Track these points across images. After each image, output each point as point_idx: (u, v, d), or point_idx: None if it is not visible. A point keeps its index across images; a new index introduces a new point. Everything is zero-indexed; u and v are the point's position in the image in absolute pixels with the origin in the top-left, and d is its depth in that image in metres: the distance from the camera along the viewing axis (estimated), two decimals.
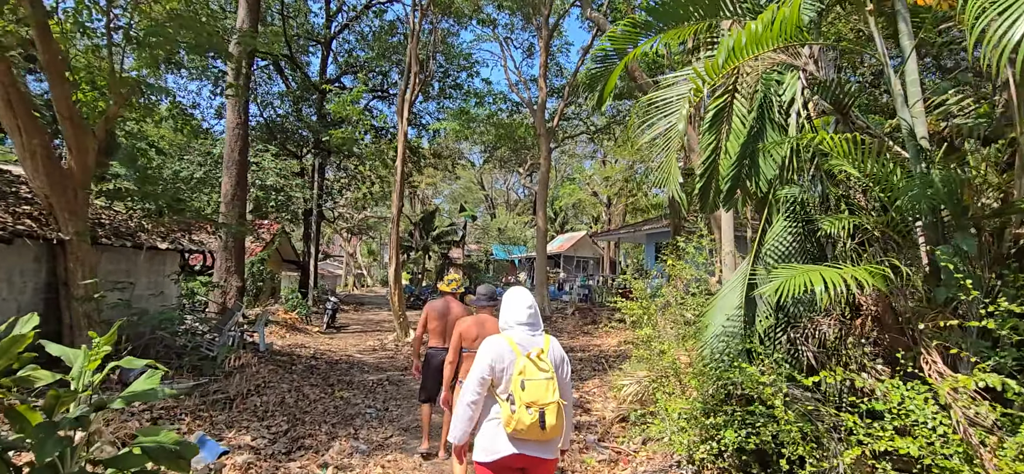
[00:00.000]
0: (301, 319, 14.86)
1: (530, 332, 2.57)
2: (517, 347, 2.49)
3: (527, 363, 2.43)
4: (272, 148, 21.64)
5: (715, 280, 9.50)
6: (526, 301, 2.64)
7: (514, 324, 2.59)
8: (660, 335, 6.57)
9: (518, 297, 2.67)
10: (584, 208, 47.46)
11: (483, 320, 4.04)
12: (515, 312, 2.61)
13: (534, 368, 2.42)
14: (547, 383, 2.41)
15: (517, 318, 2.59)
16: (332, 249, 57.75)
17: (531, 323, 2.59)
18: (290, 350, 10.75)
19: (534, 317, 2.62)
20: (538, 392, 2.38)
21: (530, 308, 2.62)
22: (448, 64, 26.64)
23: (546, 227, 19.12)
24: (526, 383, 2.39)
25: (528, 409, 2.35)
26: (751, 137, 5.30)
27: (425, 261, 31.06)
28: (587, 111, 25.10)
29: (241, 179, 12.92)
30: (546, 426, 2.35)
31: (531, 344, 2.52)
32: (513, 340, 2.52)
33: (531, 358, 2.45)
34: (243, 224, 13.01)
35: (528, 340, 2.54)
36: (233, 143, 12.89)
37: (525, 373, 2.41)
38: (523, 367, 2.42)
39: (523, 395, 2.37)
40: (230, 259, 12.62)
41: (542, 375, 2.42)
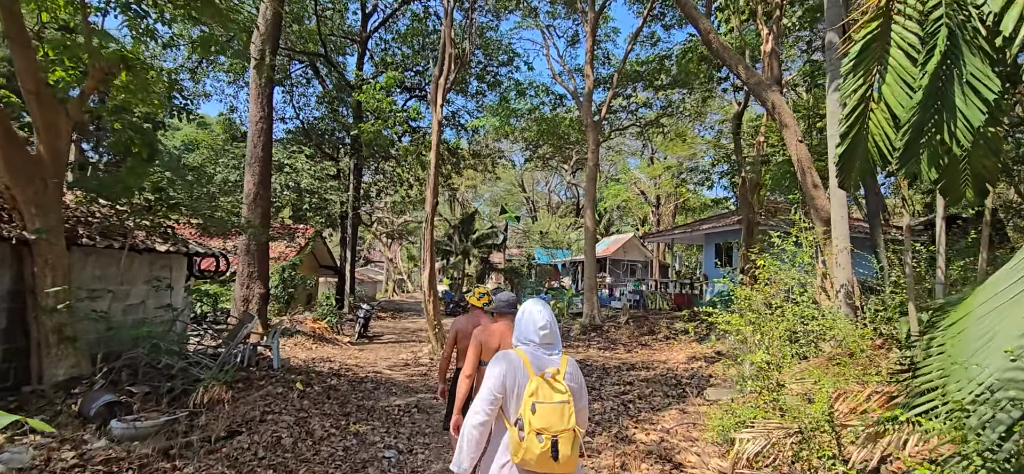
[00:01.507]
0: (331, 328, 13.76)
1: (546, 351, 2.33)
2: (530, 365, 2.26)
3: (540, 384, 2.20)
4: (306, 149, 20.90)
5: (819, 284, 7.65)
6: (542, 316, 2.38)
7: (527, 341, 2.36)
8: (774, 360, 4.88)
9: (533, 311, 2.40)
10: (630, 209, 45.37)
11: (504, 331, 3.43)
12: (529, 328, 2.37)
13: (548, 390, 2.19)
14: (562, 408, 2.16)
15: (530, 335, 2.35)
16: (373, 255, 57.69)
17: (546, 342, 2.34)
18: (311, 365, 9.54)
19: (550, 335, 2.36)
20: (551, 418, 2.14)
21: (544, 327, 2.35)
22: (487, 59, 25.44)
23: (594, 227, 17.46)
24: (538, 407, 2.15)
25: (539, 436, 2.12)
26: (935, 76, 3.56)
27: (465, 265, 29.85)
28: (636, 104, 23.26)
29: (264, 178, 11.91)
30: (560, 457, 2.12)
31: (546, 363, 2.28)
32: (526, 357, 2.29)
33: (545, 379, 2.20)
34: (267, 226, 12.00)
35: (543, 359, 2.30)
36: (256, 139, 11.91)
37: (537, 395, 2.17)
38: (535, 388, 2.19)
39: (534, 420, 2.14)
40: (253, 264, 11.60)
41: (557, 398, 2.17)
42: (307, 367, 9.19)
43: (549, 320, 2.36)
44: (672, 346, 12.34)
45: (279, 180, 19.65)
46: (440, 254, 29.53)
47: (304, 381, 7.70)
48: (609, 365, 9.89)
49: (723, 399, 6.90)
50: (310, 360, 10.20)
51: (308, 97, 25.58)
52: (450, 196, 43.90)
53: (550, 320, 2.37)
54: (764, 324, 5.07)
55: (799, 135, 7.73)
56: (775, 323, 5.32)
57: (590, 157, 17.40)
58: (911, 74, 3.76)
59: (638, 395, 7.44)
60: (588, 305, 16.43)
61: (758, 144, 12.18)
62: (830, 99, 6.97)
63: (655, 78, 20.21)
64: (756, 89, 8.12)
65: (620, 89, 20.42)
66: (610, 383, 8.36)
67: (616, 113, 23.13)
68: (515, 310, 3.34)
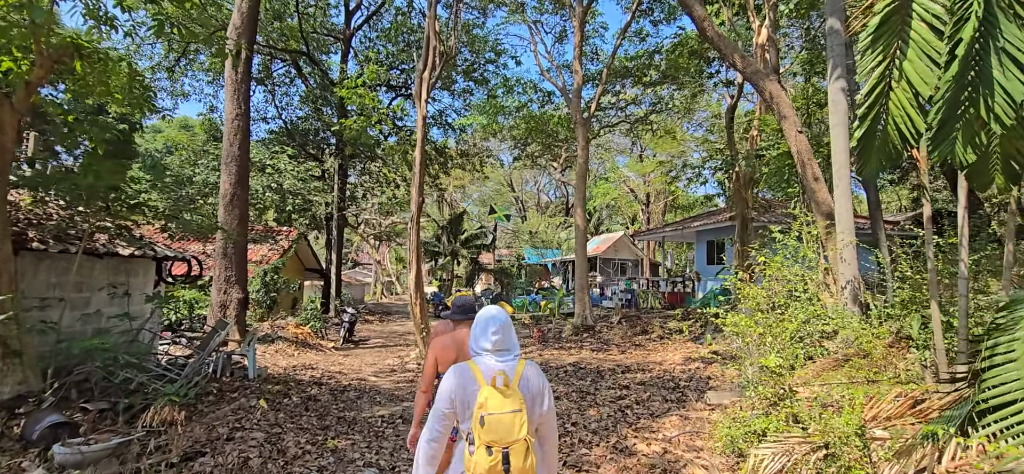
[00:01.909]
0: (315, 333, 13.26)
1: (499, 357, 2.17)
2: (481, 375, 2.11)
3: (490, 394, 2.04)
4: (289, 149, 20.33)
5: (821, 281, 7.35)
6: (494, 321, 2.22)
7: (479, 350, 2.22)
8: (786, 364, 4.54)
9: (485, 316, 2.26)
10: (619, 208, 45.16)
11: (462, 339, 3.07)
12: (479, 336, 2.23)
13: (498, 399, 2.02)
14: (513, 418, 2.00)
15: (482, 342, 2.21)
16: (361, 257, 56.92)
17: (499, 348, 2.18)
18: (292, 373, 9.07)
19: (504, 341, 2.19)
20: (500, 429, 1.99)
21: (496, 332, 2.19)
22: (473, 56, 25.03)
23: (585, 225, 17.11)
24: (486, 418, 2.00)
25: (488, 450, 1.98)
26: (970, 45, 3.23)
27: (454, 266, 29.40)
28: (625, 101, 22.98)
29: (242, 177, 11.39)
30: (512, 470, 1.97)
31: (496, 371, 2.10)
32: (478, 367, 2.16)
33: (496, 388, 2.04)
34: (244, 228, 11.49)
35: (495, 367, 2.13)
36: (232, 136, 11.38)
37: (486, 406, 2.02)
38: (485, 399, 2.03)
39: (482, 433, 1.99)
40: (230, 267, 11.07)
41: (508, 408, 2.02)
42: (286, 376, 8.72)
43: (502, 325, 2.22)
44: (667, 346, 12.03)
45: (261, 181, 19.09)
46: (428, 255, 29.06)
47: (279, 392, 7.24)
48: (603, 368, 9.53)
49: (725, 403, 6.57)
50: (291, 368, 9.72)
51: (291, 96, 25.00)
52: (438, 197, 43.41)
53: (503, 325, 2.22)
54: (774, 325, 4.71)
55: (798, 126, 7.42)
56: (786, 323, 4.97)
57: (580, 154, 17.07)
58: (936, 49, 3.42)
59: (635, 400, 7.07)
60: (579, 305, 16.08)
61: (751, 138, 11.90)
62: (832, 88, 6.66)
63: (644, 74, 19.94)
64: (753, 78, 7.80)
65: (609, 86, 20.11)
66: (605, 387, 7.99)
67: (605, 110, 22.82)
68: (474, 315, 3.07)
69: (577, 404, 7.07)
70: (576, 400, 7.30)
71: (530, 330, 16.24)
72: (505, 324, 2.23)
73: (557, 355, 11.57)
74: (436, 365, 3.01)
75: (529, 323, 18.23)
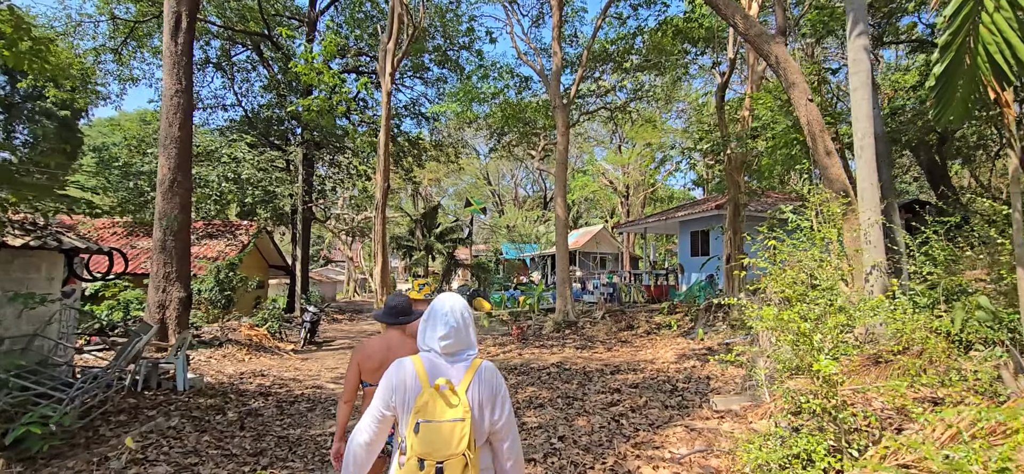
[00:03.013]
0: (272, 335, 12.06)
1: (448, 357, 1.85)
2: (425, 375, 1.80)
3: (431, 397, 1.74)
4: (248, 136, 18.92)
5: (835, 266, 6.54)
6: (450, 312, 1.88)
7: (427, 347, 1.88)
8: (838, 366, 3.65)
9: (440, 306, 1.91)
10: (598, 201, 44.54)
11: (388, 342, 2.70)
12: (430, 328, 1.89)
13: (439, 405, 1.73)
14: (453, 428, 1.71)
15: (430, 341, 1.87)
16: (334, 254, 55.16)
17: (451, 343, 1.84)
18: (236, 382, 7.92)
19: (457, 332, 1.85)
20: (436, 441, 1.70)
21: (446, 335, 1.84)
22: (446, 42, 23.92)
23: (566, 215, 16.23)
24: (422, 426, 1.71)
25: (420, 464, 1.69)
26: None
27: (428, 262, 28.24)
28: (605, 88, 22.14)
29: (183, 161, 10.13)
30: None
31: (442, 371, 1.80)
32: (422, 364, 1.82)
33: (439, 390, 1.74)
34: (187, 218, 10.24)
35: (441, 366, 1.82)
36: (172, 115, 10.09)
37: (424, 411, 1.72)
38: (424, 403, 1.73)
39: (415, 442, 1.70)
40: (170, 263, 9.82)
41: (448, 416, 1.72)
42: (228, 386, 7.57)
43: (453, 327, 1.85)
44: (655, 342, 11.20)
45: (217, 170, 17.65)
46: (401, 250, 27.84)
47: (212, 407, 6.12)
48: (590, 368, 8.62)
49: (734, 409, 5.71)
50: (237, 376, 8.55)
51: (252, 82, 23.50)
52: (413, 191, 42.11)
53: (456, 327, 1.86)
54: (823, 319, 3.83)
55: (808, 94, 6.59)
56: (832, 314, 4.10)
57: (559, 140, 16.14)
58: None
59: (631, 406, 6.17)
60: (561, 300, 15.19)
61: (743, 118, 11.13)
62: (853, 45, 5.84)
63: (625, 59, 19.13)
64: (756, 42, 6.96)
65: (588, 72, 19.24)
66: (595, 391, 7.08)
67: (584, 97, 21.96)
68: (405, 318, 2.77)
69: (563, 412, 6.14)
70: (562, 408, 6.37)
71: (509, 327, 15.28)
72: (459, 324, 1.86)
73: (539, 354, 10.64)
74: (359, 373, 2.68)
75: (508, 320, 17.28)
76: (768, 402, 5.17)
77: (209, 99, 22.94)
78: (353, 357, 2.72)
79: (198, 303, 13.76)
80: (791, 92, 6.67)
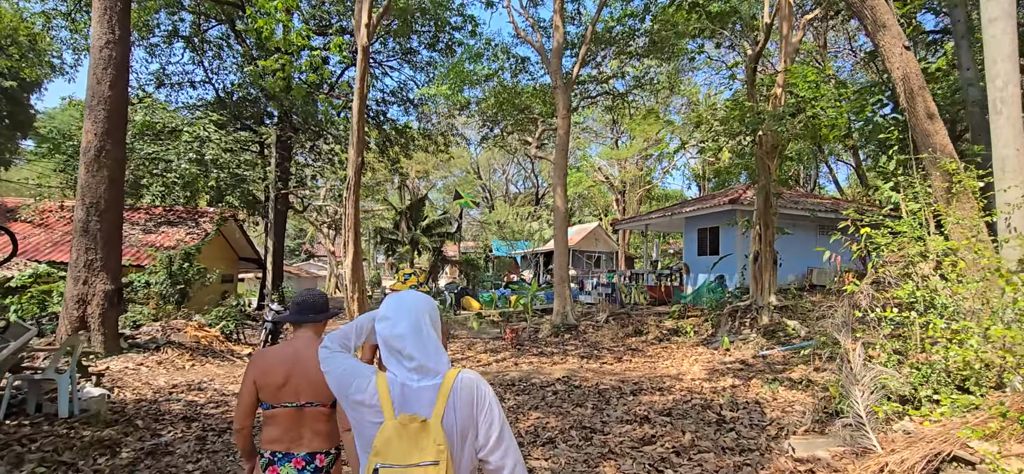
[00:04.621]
0: (226, 337, 10.35)
1: (415, 374, 1.40)
2: (389, 401, 1.36)
3: (393, 432, 1.31)
4: (214, 115, 17.08)
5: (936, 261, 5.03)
6: (410, 315, 1.45)
7: (387, 361, 1.44)
8: None
9: (396, 308, 1.47)
10: (592, 199, 43.14)
11: (295, 350, 2.14)
12: (383, 344, 1.44)
13: (402, 445, 1.30)
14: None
15: (386, 354, 1.44)
16: (316, 249, 53.07)
17: (413, 356, 1.41)
18: (161, 400, 6.24)
19: (423, 346, 1.41)
20: None
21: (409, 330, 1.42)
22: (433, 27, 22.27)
23: (565, 207, 14.69)
24: (382, 472, 1.30)
25: None
26: None
27: (414, 257, 26.53)
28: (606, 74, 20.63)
29: (115, 128, 8.39)
30: None
31: (411, 400, 1.38)
32: (385, 387, 1.38)
33: (405, 426, 1.31)
34: (118, 195, 8.52)
35: (410, 390, 1.39)
36: (101, 71, 8.35)
37: (384, 453, 1.31)
38: (384, 441, 1.31)
39: None
40: (94, 249, 8.08)
41: (414, 460, 1.29)
42: (147, 405, 5.89)
43: (417, 320, 1.42)
44: (671, 352, 9.69)
45: (176, 149, 15.81)
46: (385, 244, 26.11)
47: (103, 442, 4.45)
48: (604, 384, 7.06)
49: (824, 456, 4.16)
50: (168, 389, 6.86)
51: (224, 59, 21.57)
52: (400, 183, 40.31)
53: (422, 320, 1.43)
54: None
55: (903, 40, 5.07)
56: None
57: (560, 124, 14.59)
58: None
59: (673, 447, 4.61)
60: (559, 301, 13.64)
61: (775, 96, 9.64)
62: None
63: (630, 41, 17.63)
64: None
65: (590, 55, 17.71)
66: (617, 419, 5.52)
67: (585, 83, 20.43)
68: (322, 316, 2.26)
69: (581, 451, 4.58)
70: (579, 445, 4.80)
71: (501, 330, 13.70)
72: (415, 328, 1.41)
73: (539, 364, 9.06)
74: (254, 393, 2.10)
75: (499, 322, 15.69)
76: (881, 452, 3.65)
77: (177, 75, 21.06)
78: (247, 371, 2.15)
79: (147, 297, 12.01)
80: (880, 38, 5.14)
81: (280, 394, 2.08)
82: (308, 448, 2.10)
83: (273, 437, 2.09)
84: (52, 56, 19.76)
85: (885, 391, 4.13)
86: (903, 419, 3.99)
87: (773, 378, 6.70)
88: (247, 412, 2.12)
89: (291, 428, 2.08)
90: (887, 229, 4.54)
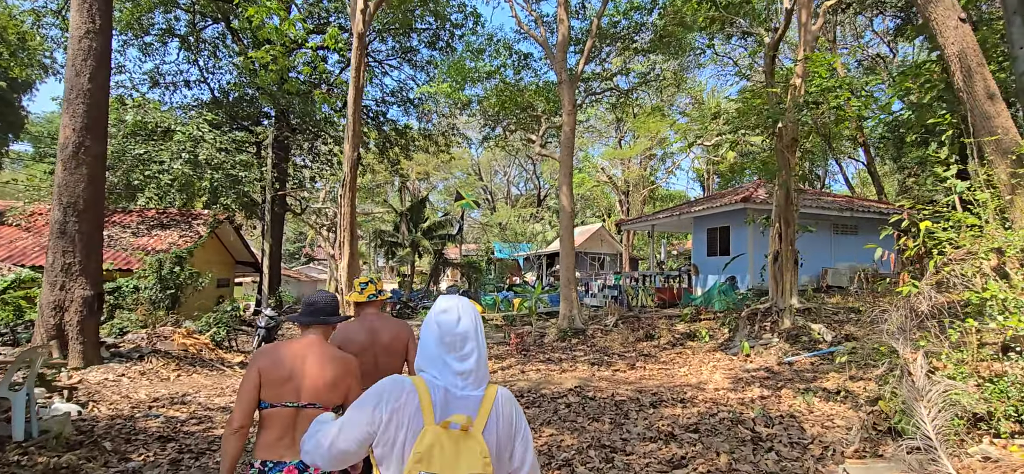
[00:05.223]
0: (216, 344, 9.82)
1: (461, 380, 1.36)
2: (430, 404, 1.31)
3: (436, 438, 1.26)
4: (209, 114, 16.58)
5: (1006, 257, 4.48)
6: (470, 325, 1.40)
7: (431, 363, 1.38)
8: None
9: (451, 315, 1.40)
10: (594, 199, 42.63)
11: (306, 349, 2.10)
12: (434, 350, 1.39)
13: (449, 452, 1.25)
14: None
15: (441, 359, 1.37)
16: (316, 252, 52.56)
17: (473, 369, 1.37)
18: (139, 417, 5.72)
19: (479, 354, 1.39)
20: None
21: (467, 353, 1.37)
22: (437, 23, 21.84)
23: (572, 206, 14.14)
24: None
25: None
26: None
27: (415, 259, 26.01)
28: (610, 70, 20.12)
29: (96, 123, 7.88)
30: None
31: (456, 404, 1.33)
32: (426, 389, 1.33)
33: (449, 430, 1.27)
34: (99, 194, 8.00)
35: (454, 396, 1.34)
36: (80, 62, 7.84)
37: (428, 459, 1.24)
38: (429, 446, 1.25)
39: None
40: (72, 252, 7.56)
41: (463, 469, 1.25)
42: (121, 423, 5.36)
43: (479, 340, 1.39)
44: (687, 358, 9.15)
45: (168, 149, 15.30)
46: (385, 246, 25.59)
47: (64, 469, 3.92)
48: (621, 395, 6.52)
49: None
50: (148, 404, 6.34)
51: (220, 58, 21.09)
52: (400, 185, 39.81)
53: (480, 339, 1.39)
54: None
55: (958, 11, 4.55)
56: None
57: (565, 120, 14.09)
58: None
59: (707, 470, 4.07)
60: (566, 304, 13.09)
61: (793, 87, 9.11)
62: None
63: (636, 35, 17.14)
64: None
65: (595, 50, 17.21)
66: (639, 435, 4.98)
67: (589, 81, 19.93)
68: (328, 319, 2.19)
69: None
70: (599, 466, 4.27)
71: (505, 335, 13.17)
72: (480, 342, 1.38)
73: (547, 373, 8.52)
74: (258, 387, 2.00)
75: (503, 326, 15.15)
76: None
77: (172, 75, 20.58)
78: (252, 364, 2.04)
79: (136, 303, 11.49)
80: (931, 10, 4.61)
81: (283, 390, 2.00)
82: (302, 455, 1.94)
83: (267, 442, 1.99)
84: (43, 56, 19.28)
85: (956, 408, 3.59)
86: (981, 442, 3.45)
87: (805, 388, 6.16)
88: (247, 409, 2.00)
89: (287, 432, 1.99)
90: (948, 223, 4.01)
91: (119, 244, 14.18)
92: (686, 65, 22.80)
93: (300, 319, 2.20)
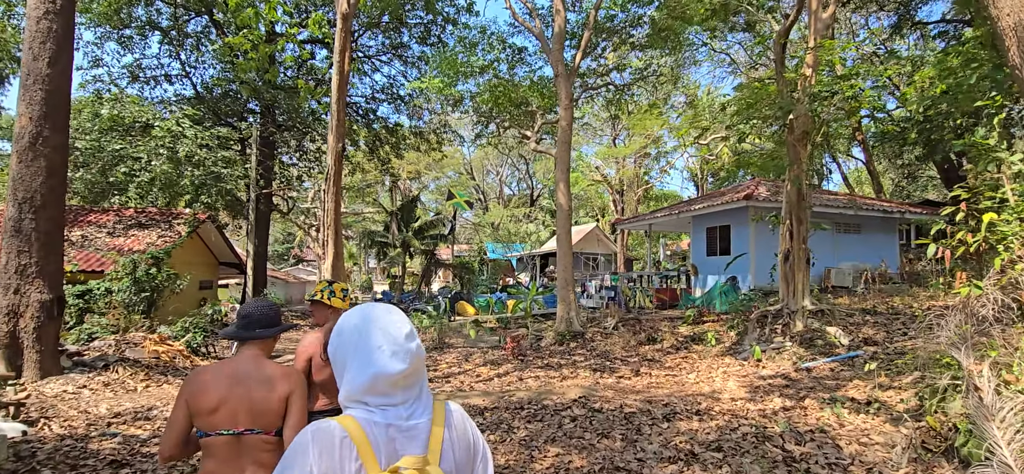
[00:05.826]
0: (192, 351, 9.17)
1: (404, 407, 1.08)
2: (370, 447, 1.02)
3: None
4: (189, 109, 15.88)
5: None
6: (391, 331, 1.09)
7: (363, 392, 1.06)
8: None
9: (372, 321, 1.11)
10: (587, 199, 42.22)
11: (236, 369, 1.86)
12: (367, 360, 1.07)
13: None
14: None
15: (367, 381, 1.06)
16: (305, 253, 51.68)
17: (405, 384, 1.08)
18: (97, 432, 5.10)
19: (416, 365, 1.09)
20: None
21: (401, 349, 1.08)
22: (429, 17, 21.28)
23: (569, 205, 13.62)
24: None
25: None
26: None
27: (405, 260, 25.37)
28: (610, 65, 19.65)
29: (53, 110, 7.23)
30: None
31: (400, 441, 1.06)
32: (361, 430, 1.03)
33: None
34: (61, 190, 7.35)
35: (397, 429, 1.06)
36: (38, 45, 7.19)
37: None
38: None
39: None
40: (29, 253, 6.91)
41: None
42: (69, 445, 4.73)
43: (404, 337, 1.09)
44: (694, 363, 8.63)
45: (146, 145, 14.59)
46: (375, 246, 24.94)
47: None
48: (630, 406, 5.98)
49: None
50: (107, 419, 5.71)
51: (203, 52, 20.36)
52: (391, 184, 39.12)
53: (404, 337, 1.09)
54: None
55: None
56: None
57: (562, 115, 13.56)
58: None
59: None
60: (563, 305, 12.56)
61: (803, 78, 8.65)
62: None
63: (633, 28, 16.69)
64: None
65: (592, 44, 16.72)
66: (654, 452, 4.44)
67: (585, 76, 19.44)
68: (271, 332, 1.94)
69: None
70: None
71: (500, 338, 12.61)
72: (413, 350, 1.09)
73: (547, 379, 7.97)
74: (187, 417, 1.82)
75: (498, 329, 14.59)
76: None
77: (152, 69, 19.82)
78: (181, 392, 1.85)
79: (109, 307, 10.81)
80: None
81: (213, 419, 1.79)
82: None
83: (210, 471, 1.81)
84: (16, 49, 18.46)
85: None
86: None
87: (831, 398, 5.66)
88: (176, 441, 1.82)
89: (229, 460, 1.79)
90: (1013, 215, 3.52)
91: (93, 244, 13.46)
92: (682, 61, 22.42)
93: (235, 334, 1.94)
